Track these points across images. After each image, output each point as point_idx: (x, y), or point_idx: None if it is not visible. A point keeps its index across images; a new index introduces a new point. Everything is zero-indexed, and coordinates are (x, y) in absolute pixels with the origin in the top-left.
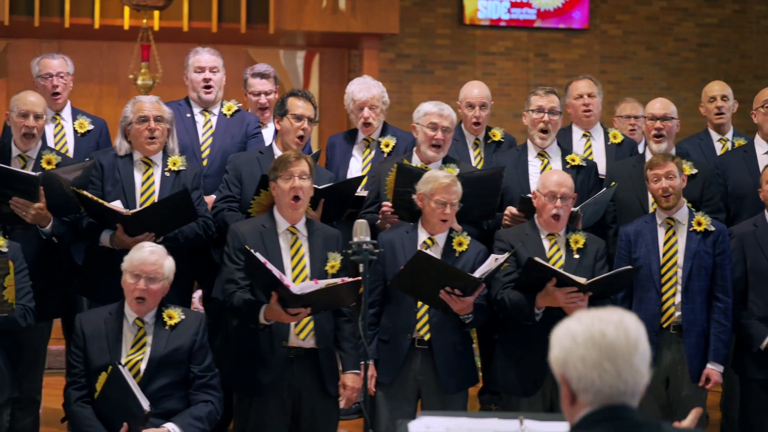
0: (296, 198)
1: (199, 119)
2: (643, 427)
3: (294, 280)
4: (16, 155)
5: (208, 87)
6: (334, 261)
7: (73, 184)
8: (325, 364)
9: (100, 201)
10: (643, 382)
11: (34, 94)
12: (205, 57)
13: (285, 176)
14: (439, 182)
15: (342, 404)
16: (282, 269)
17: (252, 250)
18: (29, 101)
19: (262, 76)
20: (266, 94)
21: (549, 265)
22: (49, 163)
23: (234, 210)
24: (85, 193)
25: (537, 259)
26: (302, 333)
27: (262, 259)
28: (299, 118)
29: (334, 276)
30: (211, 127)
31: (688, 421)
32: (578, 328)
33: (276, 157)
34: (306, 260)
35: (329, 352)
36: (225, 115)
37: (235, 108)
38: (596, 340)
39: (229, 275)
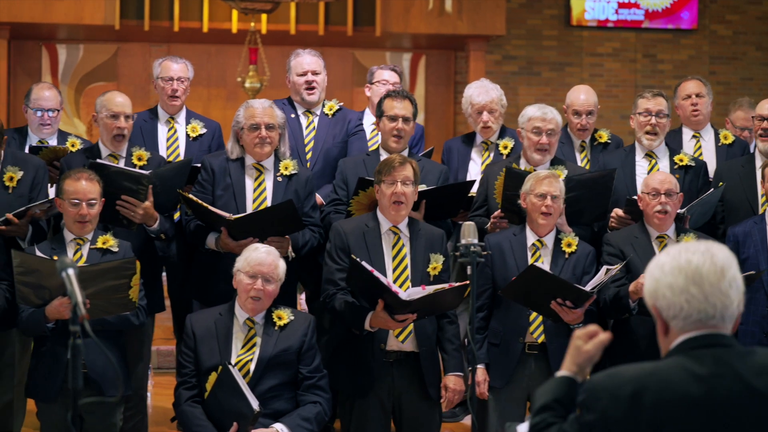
0: (398, 203)
1: (303, 120)
2: (733, 349)
3: (395, 281)
4: (106, 155)
5: (311, 89)
6: (436, 263)
7: (171, 182)
8: (427, 368)
9: (204, 204)
10: (733, 306)
11: (121, 95)
12: (307, 59)
13: (388, 181)
14: (538, 176)
15: (443, 406)
16: (383, 269)
17: (358, 259)
18: (118, 102)
19: (392, 69)
20: (393, 84)
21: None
22: (140, 159)
23: (341, 212)
24: (190, 196)
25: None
26: (401, 336)
27: (369, 267)
28: (393, 118)
29: (435, 277)
30: (313, 128)
31: None
32: (666, 258)
33: (381, 159)
34: (407, 261)
35: (431, 354)
36: (327, 115)
37: (337, 107)
38: (682, 267)
39: (329, 275)
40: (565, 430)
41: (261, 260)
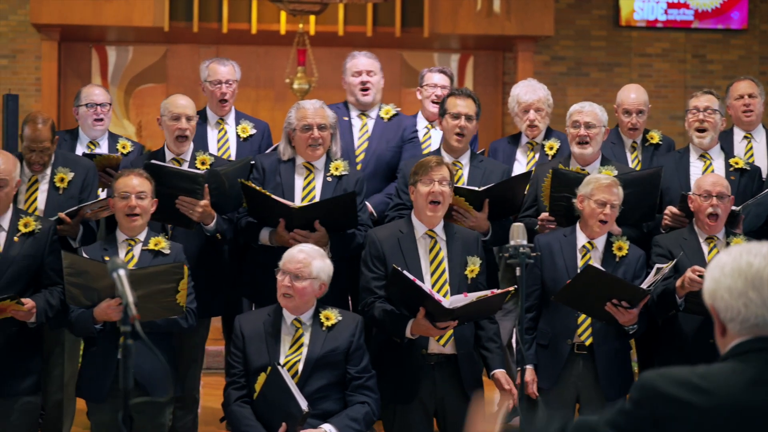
0: (435, 202)
1: (356, 123)
2: None
3: (433, 285)
4: (170, 158)
5: (366, 89)
6: (473, 265)
7: (231, 183)
8: (466, 370)
9: (267, 193)
10: None
11: (183, 97)
12: (362, 60)
13: (425, 180)
14: (600, 182)
15: (512, 401)
16: (420, 274)
17: (400, 269)
18: (180, 104)
19: (442, 71)
20: (442, 87)
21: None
22: (203, 163)
23: (404, 217)
24: (252, 185)
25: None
26: (442, 339)
27: (411, 277)
28: (456, 116)
29: (473, 280)
30: (367, 131)
31: None
32: (727, 259)
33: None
34: (445, 264)
35: (469, 356)
36: (382, 118)
37: (393, 112)
38: (743, 270)
39: (365, 284)
40: (612, 420)
41: (291, 257)
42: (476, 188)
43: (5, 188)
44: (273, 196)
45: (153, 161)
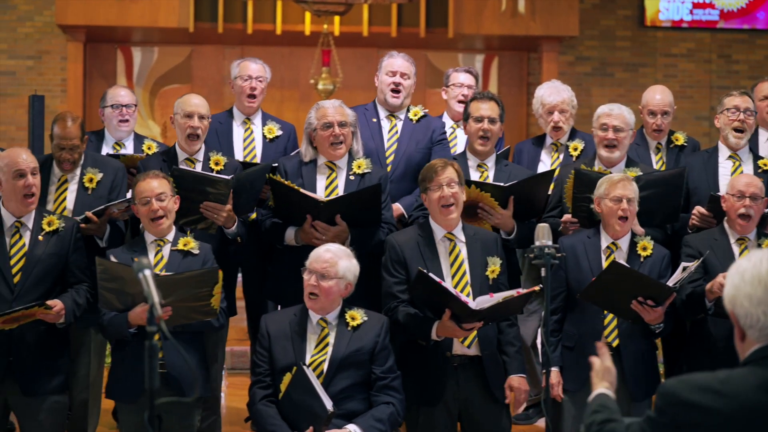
0: (447, 206)
1: (385, 124)
2: None
3: (455, 287)
4: (183, 159)
5: (397, 91)
6: (494, 266)
7: (251, 186)
8: (491, 371)
9: (295, 186)
10: None
11: (197, 96)
12: (398, 62)
13: (433, 187)
14: (611, 180)
15: (513, 409)
16: (441, 277)
17: (426, 271)
18: (193, 103)
19: (467, 71)
20: (468, 87)
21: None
22: (216, 164)
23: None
24: (279, 179)
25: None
26: (466, 341)
27: (437, 278)
28: (479, 119)
29: (495, 280)
30: (396, 132)
31: None
32: (747, 265)
33: (468, 163)
34: (465, 266)
35: (494, 357)
36: (411, 120)
37: (422, 113)
38: (762, 278)
39: (387, 288)
40: (637, 428)
41: (318, 256)
42: (501, 184)
43: (38, 174)
44: (301, 190)
45: (180, 167)
